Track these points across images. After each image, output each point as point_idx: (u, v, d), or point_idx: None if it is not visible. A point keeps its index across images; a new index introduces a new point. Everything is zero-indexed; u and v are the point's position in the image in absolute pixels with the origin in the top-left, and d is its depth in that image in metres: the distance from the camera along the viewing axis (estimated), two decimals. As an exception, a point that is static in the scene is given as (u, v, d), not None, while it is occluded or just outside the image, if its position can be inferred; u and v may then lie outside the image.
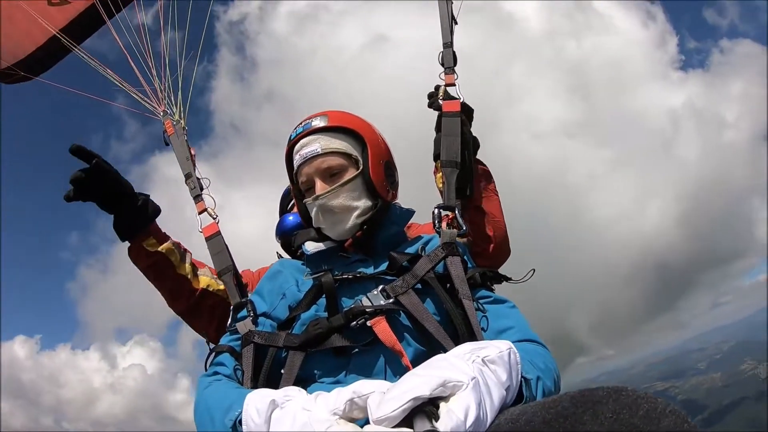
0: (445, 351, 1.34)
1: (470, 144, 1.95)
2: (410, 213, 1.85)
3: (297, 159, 1.72)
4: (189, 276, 2.19)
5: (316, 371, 1.49)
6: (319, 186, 1.66)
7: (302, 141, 1.71)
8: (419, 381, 0.96)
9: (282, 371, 1.49)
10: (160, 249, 2.13)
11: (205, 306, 2.21)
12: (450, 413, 0.90)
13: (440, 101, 2.01)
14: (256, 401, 1.17)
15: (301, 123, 1.76)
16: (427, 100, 2.08)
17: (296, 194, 1.81)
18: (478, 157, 2.04)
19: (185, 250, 2.26)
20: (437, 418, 0.91)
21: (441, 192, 1.86)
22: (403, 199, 1.91)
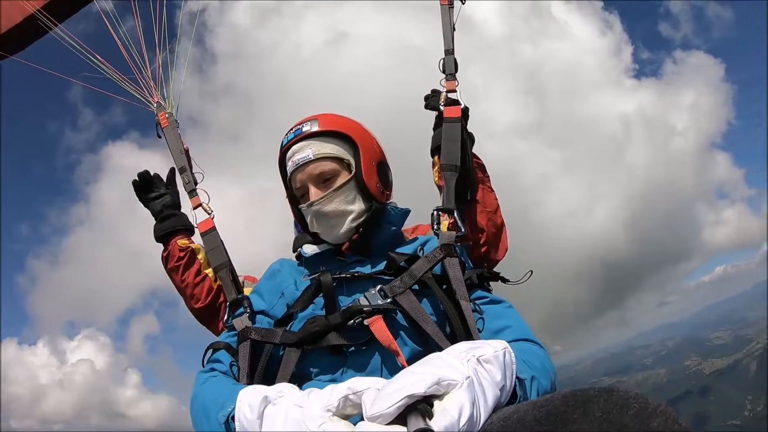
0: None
1: (468, 146, 2.01)
2: (406, 213, 1.84)
3: (290, 166, 1.72)
4: (211, 276, 2.37)
5: (312, 369, 1.50)
6: (313, 192, 1.66)
7: (294, 147, 1.71)
8: (414, 379, 0.96)
9: (278, 368, 1.51)
10: (191, 245, 2.39)
11: (222, 305, 2.32)
12: (444, 412, 0.91)
13: (441, 107, 2.06)
14: (249, 397, 1.18)
15: (292, 129, 1.75)
16: (424, 102, 2.14)
17: (291, 200, 1.82)
18: (473, 150, 2.11)
19: None
20: (431, 416, 0.91)
21: (439, 188, 1.93)
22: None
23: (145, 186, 2.47)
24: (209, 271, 2.37)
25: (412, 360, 1.38)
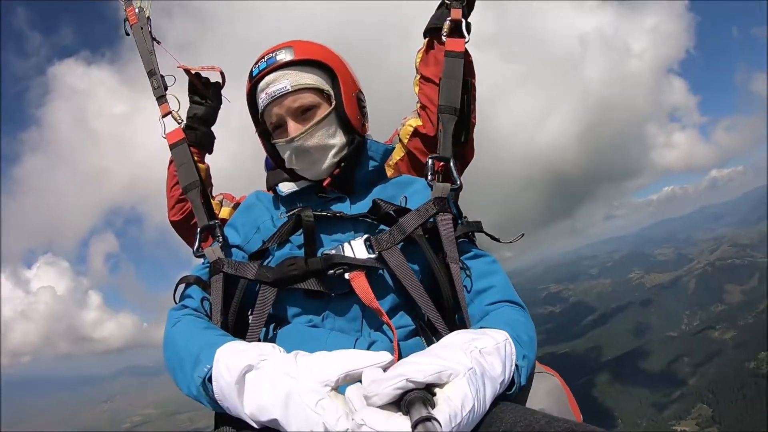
0: (424, 315, 1.39)
1: (470, 87, 1.84)
2: (389, 149, 1.75)
3: (263, 98, 1.57)
4: (215, 203, 2.37)
5: (289, 309, 1.46)
6: (292, 127, 1.55)
7: (267, 78, 1.56)
8: (416, 367, 0.93)
9: (252, 305, 1.46)
10: (202, 165, 2.40)
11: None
12: (448, 401, 0.89)
13: (443, 37, 1.86)
14: (227, 358, 1.11)
15: (263, 57, 1.58)
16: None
17: (262, 135, 1.68)
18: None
19: (212, 184, 2.52)
20: (433, 405, 0.88)
21: (421, 104, 1.88)
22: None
23: (196, 90, 2.39)
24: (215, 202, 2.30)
25: (390, 315, 1.39)
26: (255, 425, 1.03)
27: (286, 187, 1.64)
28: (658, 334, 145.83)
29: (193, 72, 2.35)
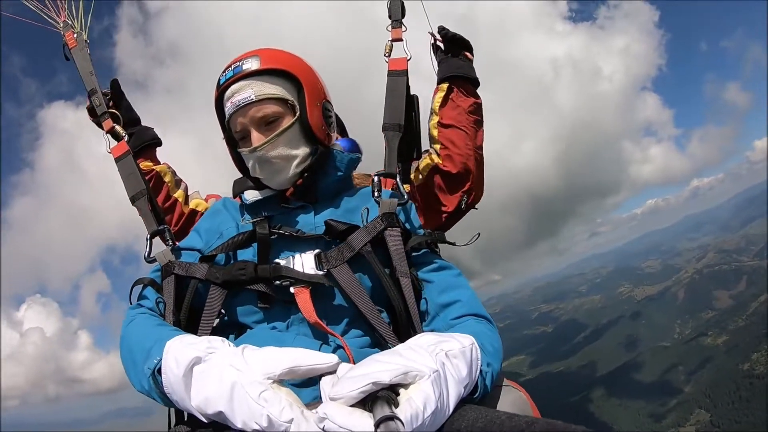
0: (376, 330, 1.40)
1: (416, 103, 1.94)
2: (356, 159, 1.74)
3: (229, 107, 1.58)
4: (180, 200, 2.27)
5: (250, 316, 1.48)
6: (255, 137, 1.55)
7: (233, 87, 1.56)
8: (381, 367, 0.94)
9: (203, 305, 1.49)
10: (155, 167, 2.28)
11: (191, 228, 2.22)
12: (410, 401, 0.90)
13: (386, 58, 1.92)
14: (176, 351, 1.12)
15: (230, 65, 1.59)
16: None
17: (229, 142, 1.69)
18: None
19: (181, 180, 2.36)
20: (396, 405, 0.90)
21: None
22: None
23: (95, 109, 2.19)
24: (179, 194, 2.28)
25: (346, 330, 1.42)
26: (203, 419, 1.04)
27: (250, 195, 1.65)
28: (650, 346, 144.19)
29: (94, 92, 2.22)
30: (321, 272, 1.43)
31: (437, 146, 2.07)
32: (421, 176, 2.08)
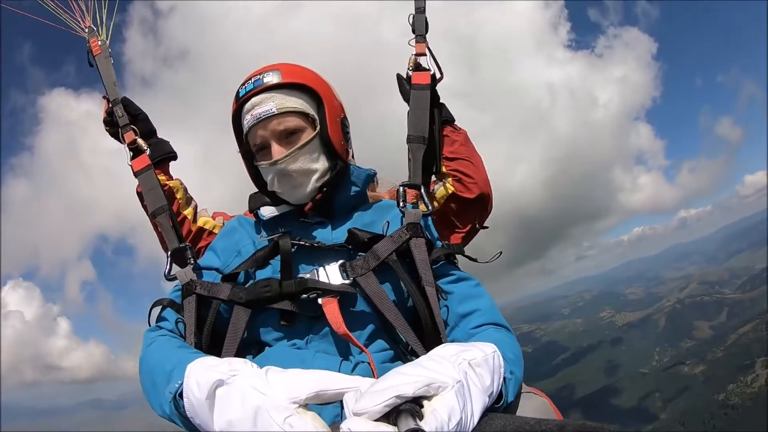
0: (403, 339, 1.40)
1: (437, 116, 1.98)
2: (371, 175, 1.74)
3: (248, 119, 1.57)
4: (189, 218, 2.22)
5: (270, 333, 1.45)
6: (276, 150, 1.54)
7: (253, 99, 1.55)
8: (405, 379, 0.93)
9: (226, 326, 1.46)
10: (168, 182, 2.19)
11: (200, 248, 2.15)
12: (435, 413, 0.89)
13: (409, 72, 1.97)
14: (197, 374, 1.09)
15: (250, 78, 1.58)
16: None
17: (245, 156, 1.67)
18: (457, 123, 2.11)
19: (192, 198, 2.31)
20: (421, 417, 0.89)
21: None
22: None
23: (114, 121, 2.16)
24: (188, 212, 2.22)
25: (369, 343, 1.40)
26: None
27: (267, 212, 1.63)
28: (629, 371, 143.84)
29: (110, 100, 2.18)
30: (347, 281, 1.41)
31: (449, 179, 2.10)
32: (437, 204, 2.09)
